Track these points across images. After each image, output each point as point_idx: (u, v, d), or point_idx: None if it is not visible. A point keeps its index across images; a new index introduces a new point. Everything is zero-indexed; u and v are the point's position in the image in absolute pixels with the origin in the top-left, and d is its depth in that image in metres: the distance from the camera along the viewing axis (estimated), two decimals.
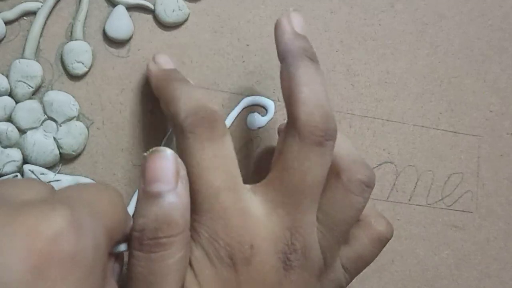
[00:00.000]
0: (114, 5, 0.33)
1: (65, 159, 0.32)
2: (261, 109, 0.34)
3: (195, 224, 0.25)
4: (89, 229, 0.19)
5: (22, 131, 0.31)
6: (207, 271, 0.24)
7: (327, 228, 0.26)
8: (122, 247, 0.24)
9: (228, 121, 0.35)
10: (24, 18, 0.33)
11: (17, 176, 0.31)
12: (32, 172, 0.31)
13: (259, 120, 0.34)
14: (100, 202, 0.21)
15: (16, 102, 0.32)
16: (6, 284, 0.16)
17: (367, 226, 0.29)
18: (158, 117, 0.34)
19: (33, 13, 0.32)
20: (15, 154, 0.31)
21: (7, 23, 0.32)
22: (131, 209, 0.32)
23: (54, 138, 0.32)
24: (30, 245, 0.17)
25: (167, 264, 0.23)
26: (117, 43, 0.33)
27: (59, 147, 0.32)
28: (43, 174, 0.31)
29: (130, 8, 0.34)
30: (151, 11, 0.34)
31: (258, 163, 0.34)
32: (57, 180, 0.31)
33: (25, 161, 0.31)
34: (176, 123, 0.26)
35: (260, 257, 0.24)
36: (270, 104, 0.34)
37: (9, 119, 0.31)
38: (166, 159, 0.24)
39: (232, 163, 0.25)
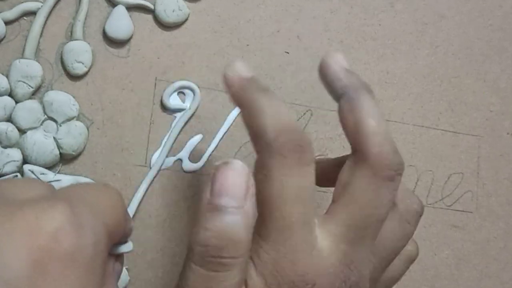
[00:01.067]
0: (114, 5, 0.33)
1: (65, 159, 0.32)
2: None
3: (260, 250, 0.24)
4: (89, 226, 0.19)
5: (22, 131, 0.31)
6: None
7: (379, 259, 0.26)
8: (124, 248, 0.24)
9: (228, 121, 0.35)
10: (24, 18, 0.33)
11: (17, 176, 0.31)
12: (32, 172, 0.31)
13: None
14: (100, 201, 0.21)
15: (16, 102, 0.32)
16: (6, 280, 0.16)
17: None
18: (159, 117, 0.34)
19: (33, 13, 0.33)
20: (15, 154, 0.31)
21: (7, 23, 0.32)
22: (131, 210, 0.32)
23: (54, 138, 0.32)
24: (30, 241, 0.17)
25: (225, 285, 0.22)
26: (117, 43, 0.33)
27: (59, 147, 0.32)
28: (43, 174, 0.31)
29: (130, 8, 0.34)
30: (151, 11, 0.34)
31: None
32: (57, 180, 0.31)
33: (25, 161, 0.31)
34: (262, 139, 0.24)
35: None
36: None
37: (9, 119, 0.31)
38: (238, 173, 0.22)
39: (312, 195, 0.24)
